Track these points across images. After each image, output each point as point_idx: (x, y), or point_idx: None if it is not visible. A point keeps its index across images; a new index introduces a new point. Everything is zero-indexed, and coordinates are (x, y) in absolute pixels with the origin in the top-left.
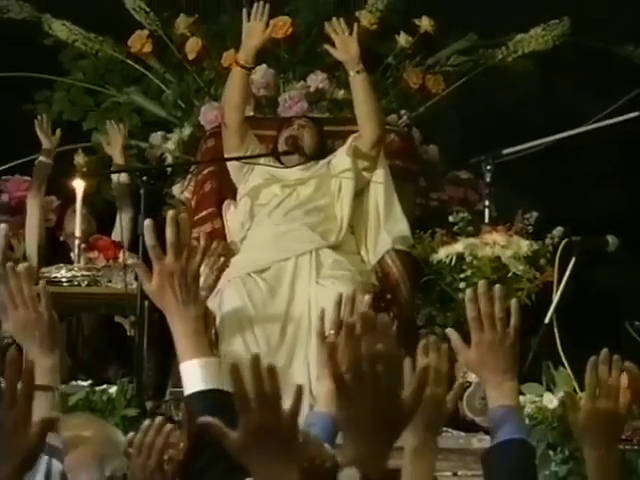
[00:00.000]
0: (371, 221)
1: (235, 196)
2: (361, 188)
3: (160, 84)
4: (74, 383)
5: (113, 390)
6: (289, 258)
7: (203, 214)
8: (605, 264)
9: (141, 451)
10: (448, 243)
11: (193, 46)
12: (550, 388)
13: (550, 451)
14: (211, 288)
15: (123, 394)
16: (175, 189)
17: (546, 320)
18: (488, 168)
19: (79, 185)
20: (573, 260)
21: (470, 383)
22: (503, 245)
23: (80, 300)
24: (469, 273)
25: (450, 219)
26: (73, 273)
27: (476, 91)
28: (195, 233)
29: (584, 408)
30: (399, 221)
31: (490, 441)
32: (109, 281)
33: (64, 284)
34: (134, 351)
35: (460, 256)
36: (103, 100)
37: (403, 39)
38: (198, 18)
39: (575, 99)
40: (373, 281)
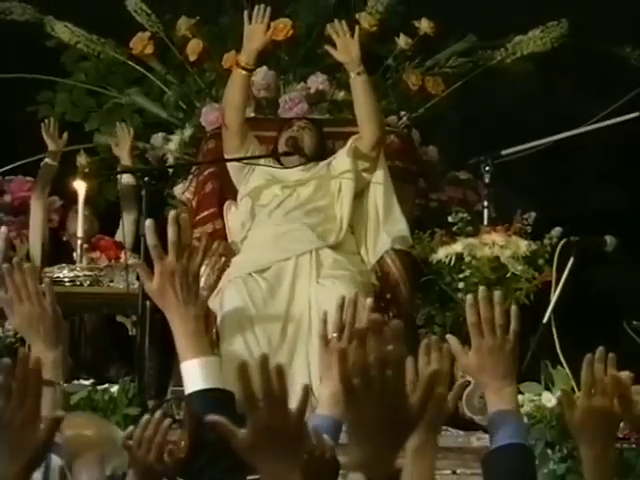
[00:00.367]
0: (371, 221)
1: (236, 197)
2: (361, 189)
3: (161, 85)
4: (76, 382)
5: (115, 389)
6: (289, 258)
7: (204, 214)
8: (603, 264)
9: (141, 445)
10: (447, 243)
11: (194, 48)
12: (548, 387)
13: (548, 450)
14: (212, 288)
15: (125, 393)
16: (176, 190)
17: (544, 320)
18: (487, 169)
19: (80, 186)
20: (571, 260)
21: (469, 382)
22: (502, 245)
23: (82, 300)
24: (468, 273)
25: (449, 219)
26: (75, 273)
27: (475, 92)
28: (196, 233)
29: (580, 406)
30: (398, 221)
31: (489, 445)
32: (111, 281)
33: (66, 284)
34: (136, 350)
35: (459, 256)
36: (105, 101)
37: (403, 41)
38: (199, 20)
39: (573, 100)
40: (373, 281)
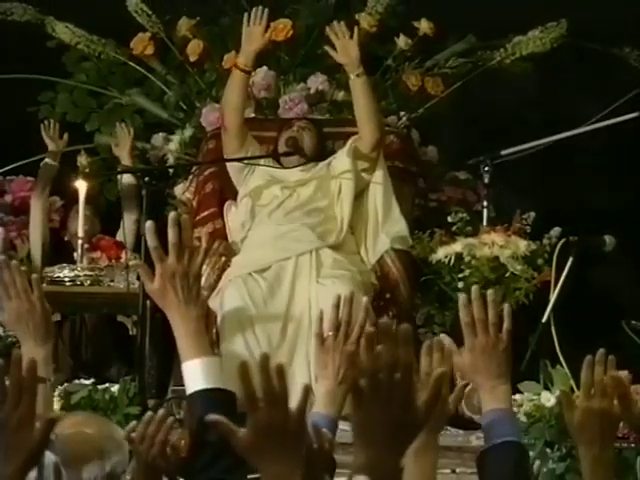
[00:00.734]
0: (370, 222)
1: (236, 197)
2: (361, 189)
3: (162, 86)
4: (77, 382)
5: (115, 389)
6: (289, 258)
7: (204, 214)
8: (602, 264)
9: (143, 440)
10: (447, 243)
11: (194, 48)
12: (548, 386)
13: (548, 449)
14: (212, 288)
15: (125, 393)
16: (177, 190)
17: (544, 319)
18: (486, 169)
19: (81, 186)
20: (570, 260)
21: (469, 382)
22: (501, 245)
23: (83, 300)
24: (467, 273)
25: (449, 219)
26: (76, 273)
27: (475, 93)
28: (196, 233)
29: (579, 407)
30: (397, 222)
31: (484, 443)
32: (112, 281)
33: (67, 284)
34: (136, 350)
35: (459, 256)
36: (106, 102)
37: (402, 41)
38: (200, 20)
39: (573, 100)
40: (373, 281)
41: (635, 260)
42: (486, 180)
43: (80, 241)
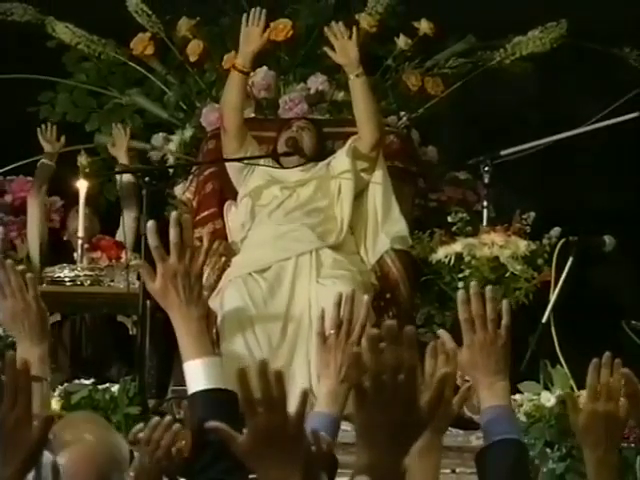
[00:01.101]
0: (370, 222)
1: (236, 197)
2: (360, 189)
3: (162, 86)
4: (77, 382)
5: (115, 389)
6: (289, 258)
7: (205, 214)
8: (602, 264)
9: (149, 443)
10: (447, 243)
11: (194, 48)
12: (548, 386)
13: (547, 449)
14: (212, 288)
15: (125, 392)
16: (177, 190)
17: (544, 319)
18: (486, 169)
19: (82, 185)
20: (570, 260)
21: (469, 381)
22: (501, 245)
23: (83, 300)
24: (467, 273)
25: (449, 219)
26: (76, 273)
27: (475, 93)
28: (197, 233)
29: (585, 409)
30: (397, 222)
31: (483, 441)
32: (112, 281)
33: (67, 284)
34: (136, 350)
35: (459, 256)
36: (106, 102)
37: (402, 41)
38: (200, 21)
39: (572, 100)
40: (373, 281)
41: (635, 260)
42: (486, 180)
43: (80, 241)
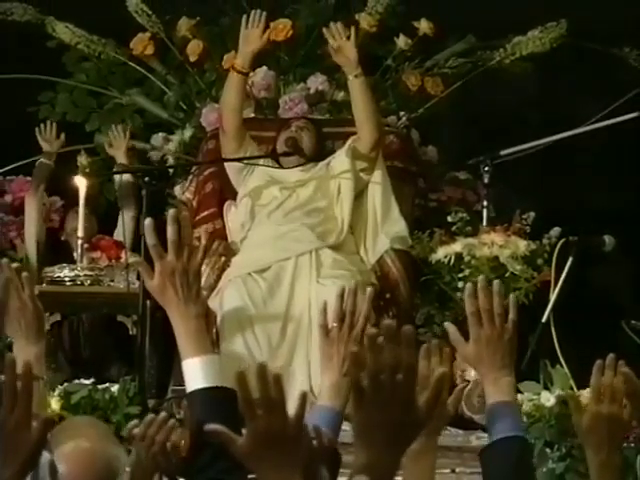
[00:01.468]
0: (369, 222)
1: (236, 197)
2: (360, 189)
3: (162, 86)
4: (77, 382)
5: (115, 388)
6: (289, 258)
7: (204, 214)
8: (602, 264)
9: (144, 439)
10: (447, 243)
11: (194, 48)
12: (547, 386)
13: (547, 449)
14: (212, 288)
15: (125, 392)
16: (177, 190)
17: (544, 319)
18: (486, 169)
19: (81, 182)
20: (570, 260)
21: (468, 382)
22: (501, 245)
23: (83, 299)
24: (467, 273)
25: (449, 219)
26: (76, 273)
27: (474, 93)
28: (196, 233)
29: (588, 411)
30: (397, 222)
31: (488, 437)
32: (112, 280)
33: (67, 284)
34: (136, 350)
35: (459, 256)
36: (106, 102)
37: (402, 41)
38: (199, 21)
39: (573, 100)
40: (373, 281)
41: (635, 260)
42: (486, 180)
43: (80, 241)
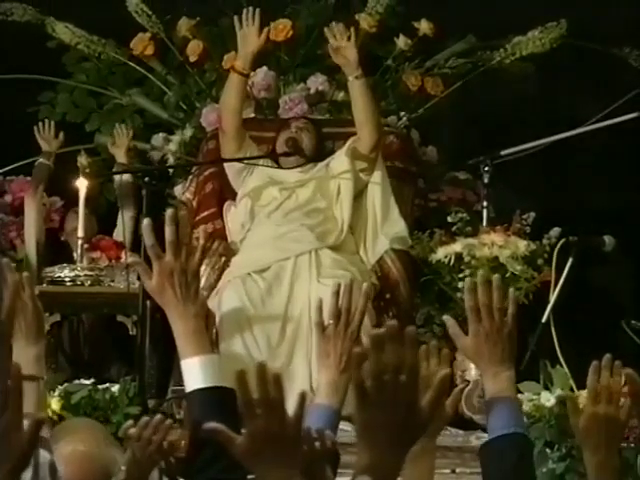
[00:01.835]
0: (369, 223)
1: (236, 197)
2: (360, 190)
3: (162, 86)
4: (77, 382)
5: (115, 389)
6: (289, 258)
7: (204, 214)
8: (602, 264)
9: (139, 440)
10: (447, 243)
11: (194, 48)
12: (547, 386)
13: (547, 449)
14: (212, 288)
15: (125, 392)
16: (177, 190)
17: (543, 319)
18: (486, 169)
19: (82, 184)
20: (570, 260)
21: (468, 382)
22: (501, 245)
23: (83, 300)
24: (467, 273)
25: (449, 219)
26: (76, 273)
27: (474, 93)
28: (196, 233)
29: (585, 412)
30: (396, 223)
31: (487, 433)
32: (112, 281)
33: (67, 284)
34: (136, 350)
35: (458, 256)
36: (106, 102)
37: (402, 42)
38: (199, 21)
39: (573, 100)
40: (373, 281)
41: (635, 260)
42: (486, 180)
43: (80, 241)
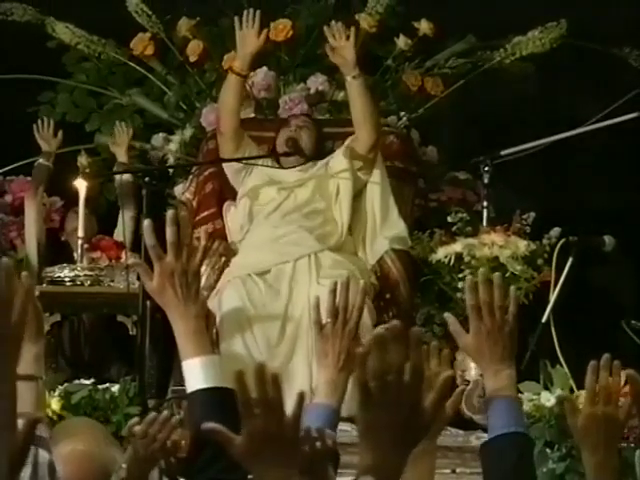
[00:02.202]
0: (369, 223)
1: (236, 197)
2: (359, 190)
3: (162, 86)
4: (77, 382)
5: (115, 389)
6: (288, 261)
7: (204, 214)
8: (602, 264)
9: (145, 437)
10: (447, 243)
11: (194, 48)
12: (547, 387)
13: (547, 449)
14: (212, 288)
15: (125, 393)
16: (177, 190)
17: (544, 319)
18: (486, 169)
19: (81, 185)
20: (570, 260)
21: (468, 382)
22: (501, 245)
23: (83, 300)
24: (467, 273)
25: (449, 220)
26: (76, 273)
27: (474, 93)
28: (197, 233)
29: (584, 412)
30: (396, 224)
31: (488, 432)
32: (112, 281)
33: (67, 284)
34: (136, 350)
35: (459, 256)
36: (106, 102)
37: (402, 42)
38: (199, 21)
39: (573, 100)
40: (373, 281)
41: (635, 260)
42: (486, 180)
43: (80, 241)
